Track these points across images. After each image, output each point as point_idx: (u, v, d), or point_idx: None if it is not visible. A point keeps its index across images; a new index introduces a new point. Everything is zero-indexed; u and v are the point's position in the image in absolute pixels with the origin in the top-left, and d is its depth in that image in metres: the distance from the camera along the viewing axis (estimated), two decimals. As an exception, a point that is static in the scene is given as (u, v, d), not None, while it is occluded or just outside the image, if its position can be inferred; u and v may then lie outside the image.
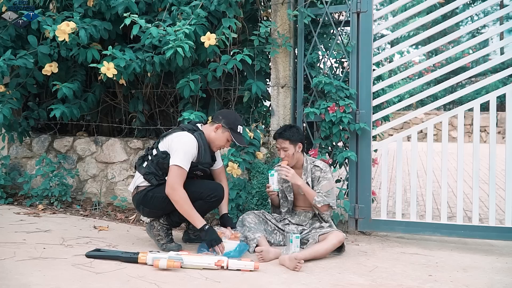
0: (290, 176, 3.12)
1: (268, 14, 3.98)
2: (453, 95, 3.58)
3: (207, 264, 2.66)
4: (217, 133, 3.04)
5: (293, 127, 3.27)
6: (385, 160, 3.68)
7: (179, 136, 2.97)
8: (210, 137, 3.06)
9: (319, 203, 3.13)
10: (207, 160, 3.05)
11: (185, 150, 2.90)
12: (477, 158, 3.46)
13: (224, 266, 2.66)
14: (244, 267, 2.65)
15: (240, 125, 3.09)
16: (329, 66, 3.95)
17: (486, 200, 4.73)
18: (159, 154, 2.98)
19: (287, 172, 3.11)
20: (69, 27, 3.56)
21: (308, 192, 3.16)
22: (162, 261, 2.61)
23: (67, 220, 3.80)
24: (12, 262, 2.64)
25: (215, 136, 3.05)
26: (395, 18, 3.76)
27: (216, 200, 3.07)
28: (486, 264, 2.97)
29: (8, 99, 3.97)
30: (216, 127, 3.05)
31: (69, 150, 4.52)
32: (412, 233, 3.59)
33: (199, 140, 2.99)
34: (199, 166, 3.01)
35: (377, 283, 2.53)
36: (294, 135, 3.19)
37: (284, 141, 3.18)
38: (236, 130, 3.07)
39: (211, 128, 3.07)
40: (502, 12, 3.60)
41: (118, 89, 4.44)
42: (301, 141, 3.23)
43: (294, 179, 3.13)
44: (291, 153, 3.18)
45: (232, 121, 3.06)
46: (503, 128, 13.93)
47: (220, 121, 3.05)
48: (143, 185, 3.04)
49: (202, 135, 3.04)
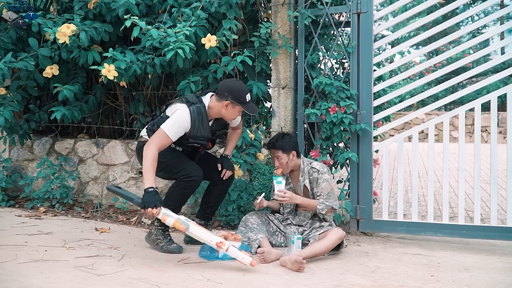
0: (288, 200, 3.13)
1: (269, 15, 3.98)
2: (454, 95, 3.58)
3: (209, 240, 2.72)
4: (227, 110, 3.03)
5: (286, 136, 3.28)
6: (386, 161, 3.68)
7: (177, 107, 3.01)
8: (221, 113, 3.06)
9: (323, 210, 3.14)
10: (204, 134, 3.02)
11: (175, 120, 2.93)
12: (479, 158, 3.46)
13: (224, 248, 2.69)
14: (241, 259, 2.67)
15: (247, 94, 3.04)
16: (330, 67, 3.95)
17: (488, 200, 4.72)
18: (164, 117, 3.05)
19: (283, 197, 3.11)
20: (70, 29, 3.57)
21: (309, 205, 3.19)
22: (170, 219, 2.71)
23: (69, 223, 3.80)
24: (14, 265, 2.64)
25: (226, 112, 3.05)
26: (395, 18, 3.75)
27: (188, 182, 3.03)
28: (488, 264, 2.97)
29: (9, 102, 3.97)
30: (225, 104, 3.01)
31: (70, 153, 4.52)
32: (414, 233, 3.58)
33: (194, 114, 2.97)
34: (190, 140, 3.01)
35: (379, 283, 2.53)
36: (286, 145, 3.21)
37: (277, 151, 3.21)
38: (246, 101, 3.03)
39: (220, 105, 3.03)
40: (502, 12, 3.60)
41: (119, 91, 4.44)
42: (295, 149, 3.24)
43: (292, 200, 3.15)
44: (284, 162, 3.20)
45: (239, 94, 3.00)
46: (504, 128, 13.95)
47: (226, 98, 2.99)
48: (144, 138, 3.15)
49: (203, 109, 3.02)
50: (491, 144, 3.40)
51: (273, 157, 3.26)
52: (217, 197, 3.37)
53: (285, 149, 3.20)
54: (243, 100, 3.02)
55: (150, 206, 2.74)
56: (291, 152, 3.21)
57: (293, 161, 3.24)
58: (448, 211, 3.53)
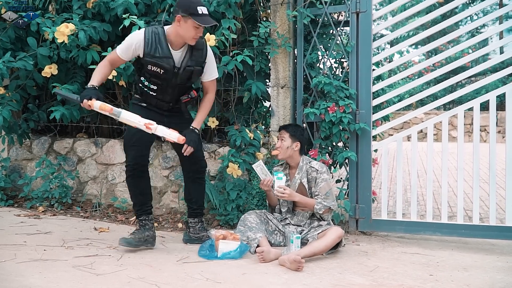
0: (287, 196, 3.12)
1: (268, 15, 3.98)
2: (453, 95, 3.58)
3: (138, 122, 2.79)
4: (181, 25, 2.84)
5: (300, 127, 3.38)
6: (385, 160, 3.68)
7: None
8: (178, 33, 2.88)
9: (320, 210, 3.15)
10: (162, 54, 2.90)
11: (127, 39, 2.99)
12: (477, 158, 3.46)
13: (153, 129, 2.77)
14: (169, 136, 2.76)
15: (199, 5, 2.82)
16: (329, 66, 3.95)
17: (487, 200, 4.72)
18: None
19: (282, 193, 3.10)
20: (68, 28, 3.57)
21: (307, 204, 3.19)
22: (96, 103, 2.81)
23: (68, 222, 3.80)
24: (12, 264, 2.64)
25: (181, 29, 2.86)
26: (394, 18, 3.75)
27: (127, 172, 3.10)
28: (487, 263, 2.97)
29: (7, 101, 3.96)
30: (177, 20, 2.84)
31: (69, 152, 4.51)
32: (413, 233, 3.58)
33: (148, 33, 2.92)
34: (146, 58, 2.92)
35: (378, 283, 2.53)
36: (297, 133, 3.25)
37: (285, 132, 3.25)
38: (198, 13, 2.80)
39: (174, 25, 2.90)
40: (501, 11, 3.60)
41: (118, 90, 4.44)
42: (300, 141, 3.25)
43: (291, 198, 3.15)
44: (285, 145, 3.22)
45: (188, 5, 2.81)
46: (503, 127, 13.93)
47: (177, 12, 2.86)
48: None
49: (160, 29, 2.93)
50: (490, 143, 3.40)
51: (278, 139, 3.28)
52: (196, 191, 3.30)
53: (294, 135, 3.23)
54: (193, 11, 2.79)
55: (86, 98, 2.82)
56: (296, 141, 3.24)
57: (294, 152, 3.24)
58: (447, 210, 3.53)
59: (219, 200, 3.71)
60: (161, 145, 4.19)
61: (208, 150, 4.02)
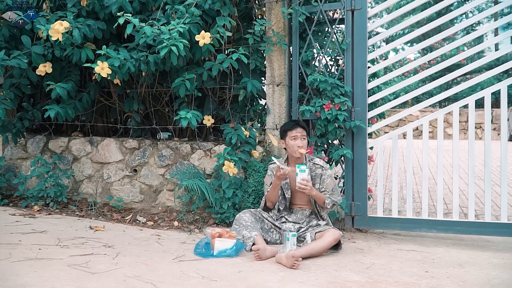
0: (308, 189, 3.11)
1: (263, 12, 3.98)
2: (448, 92, 3.59)
3: None
4: None
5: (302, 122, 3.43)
6: (380, 158, 3.69)
7: None
8: None
9: (328, 204, 3.19)
10: None
11: None
12: (473, 155, 3.47)
13: None
14: None
15: None
16: (324, 64, 3.95)
17: (482, 196, 4.74)
18: None
19: (305, 186, 3.10)
20: (63, 26, 3.55)
21: (319, 197, 3.21)
22: None
23: (63, 221, 3.78)
24: (7, 263, 2.63)
25: None
26: (389, 15, 3.75)
27: None
28: (483, 260, 2.98)
29: (2, 100, 3.94)
30: None
31: (64, 151, 4.50)
32: (409, 230, 3.59)
33: None
34: None
35: (374, 280, 2.53)
36: (306, 128, 3.34)
37: (303, 130, 3.28)
38: None
39: None
40: (496, 8, 3.61)
41: (113, 89, 4.42)
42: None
43: (311, 191, 3.14)
44: (306, 144, 3.28)
45: None
46: (498, 124, 13.97)
47: None
48: None
49: None
50: (485, 140, 3.41)
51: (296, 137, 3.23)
52: None
53: (306, 131, 3.31)
54: None
55: None
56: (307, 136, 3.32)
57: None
58: (443, 207, 3.54)
59: (215, 198, 3.70)
60: (157, 144, 4.18)
61: (203, 148, 4.01)
